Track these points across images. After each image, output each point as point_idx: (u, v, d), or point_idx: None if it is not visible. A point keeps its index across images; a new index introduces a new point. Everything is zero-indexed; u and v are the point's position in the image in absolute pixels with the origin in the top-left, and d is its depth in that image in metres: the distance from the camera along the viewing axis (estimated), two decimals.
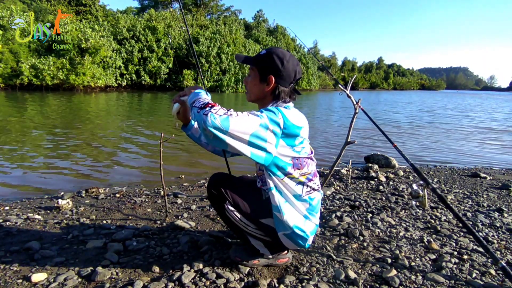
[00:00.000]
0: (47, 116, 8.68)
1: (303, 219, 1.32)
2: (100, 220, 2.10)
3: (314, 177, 1.36)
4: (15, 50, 19.76)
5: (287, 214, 1.28)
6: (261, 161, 1.18)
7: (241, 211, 1.34)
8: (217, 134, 1.05)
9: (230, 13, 53.49)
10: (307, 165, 1.31)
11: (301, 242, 1.33)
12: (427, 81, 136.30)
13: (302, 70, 15.87)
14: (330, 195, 2.75)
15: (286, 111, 1.22)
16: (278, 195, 1.27)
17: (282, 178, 1.26)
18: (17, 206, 2.41)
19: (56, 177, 3.45)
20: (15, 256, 1.53)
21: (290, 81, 1.32)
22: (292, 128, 1.20)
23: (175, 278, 1.33)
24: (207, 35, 31.73)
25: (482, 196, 2.89)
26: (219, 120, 1.05)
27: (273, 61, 1.29)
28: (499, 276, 1.47)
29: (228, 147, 1.10)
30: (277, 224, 1.31)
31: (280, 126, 1.17)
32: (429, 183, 1.72)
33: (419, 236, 1.90)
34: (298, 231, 1.30)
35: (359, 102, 2.50)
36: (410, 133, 8.04)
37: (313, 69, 51.06)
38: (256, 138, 1.11)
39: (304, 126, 1.28)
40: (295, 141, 1.24)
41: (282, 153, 1.22)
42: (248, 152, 1.13)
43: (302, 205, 1.32)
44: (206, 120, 1.05)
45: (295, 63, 1.33)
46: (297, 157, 1.26)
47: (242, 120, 1.09)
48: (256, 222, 1.35)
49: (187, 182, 3.26)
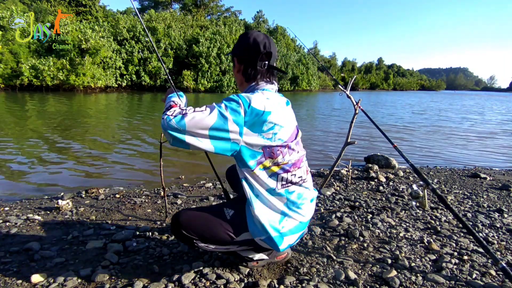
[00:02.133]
0: (47, 117, 8.68)
1: (279, 216, 1.21)
2: (100, 220, 2.10)
3: (293, 168, 1.23)
4: (15, 50, 19.77)
5: (258, 209, 1.18)
6: (227, 153, 1.12)
7: (212, 241, 1.25)
8: (175, 135, 1.03)
9: (230, 13, 53.52)
10: (282, 154, 1.19)
11: (276, 245, 1.22)
12: (427, 82, 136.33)
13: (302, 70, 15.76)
14: (330, 196, 2.75)
15: (250, 96, 1.14)
16: (249, 189, 1.19)
17: (252, 169, 1.16)
18: (17, 206, 2.41)
19: (56, 177, 3.45)
20: (15, 257, 1.54)
21: (258, 57, 1.24)
22: (256, 114, 1.11)
23: (175, 278, 1.33)
24: (207, 35, 31.74)
25: (482, 197, 2.89)
26: (173, 121, 1.02)
27: (237, 43, 1.28)
28: (500, 276, 1.47)
29: (190, 146, 1.06)
30: (251, 226, 1.21)
31: (240, 113, 1.09)
32: (429, 184, 1.72)
33: (419, 237, 1.90)
34: (272, 230, 1.19)
35: (359, 103, 2.50)
36: (410, 134, 8.04)
37: (313, 69, 51.04)
38: (217, 131, 1.06)
39: (273, 111, 1.15)
40: (263, 127, 1.13)
41: (250, 141, 1.13)
42: (212, 147, 1.08)
43: (277, 200, 1.21)
44: (162, 124, 1.04)
45: (261, 37, 1.24)
46: (268, 145, 1.15)
47: (197, 115, 1.05)
48: (233, 243, 1.26)
49: (187, 183, 3.26)
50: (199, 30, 33.81)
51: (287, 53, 45.34)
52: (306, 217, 1.30)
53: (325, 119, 11.05)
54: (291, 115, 1.30)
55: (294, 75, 45.06)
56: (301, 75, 46.35)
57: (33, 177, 3.44)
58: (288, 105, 1.33)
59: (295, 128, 1.31)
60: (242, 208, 1.25)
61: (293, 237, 1.27)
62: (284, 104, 1.28)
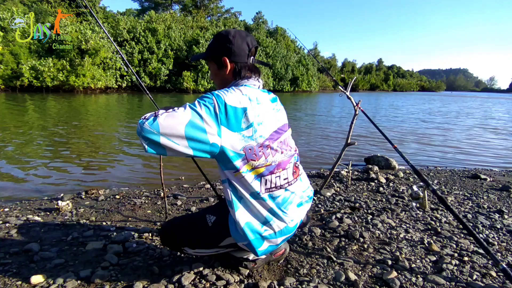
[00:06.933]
0: (47, 118, 8.68)
1: (261, 221, 1.16)
2: (100, 221, 2.10)
3: (277, 170, 1.16)
4: (16, 51, 19.80)
5: (239, 210, 1.13)
6: (207, 155, 1.06)
7: (199, 247, 1.27)
8: (150, 137, 0.97)
9: (230, 15, 53.64)
10: (265, 155, 1.12)
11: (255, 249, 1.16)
12: (427, 83, 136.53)
13: (302, 71, 15.73)
14: (330, 197, 2.75)
15: (224, 92, 1.09)
16: (231, 192, 1.13)
17: (235, 171, 1.10)
18: (16, 207, 2.40)
19: (55, 178, 3.45)
20: (14, 258, 1.53)
21: (247, 54, 1.23)
22: (232, 111, 1.06)
23: (175, 280, 1.32)
24: (207, 36, 31.80)
25: (482, 198, 2.88)
26: (147, 124, 0.97)
27: (220, 43, 1.22)
28: (500, 278, 1.47)
29: (167, 150, 1.00)
30: (232, 231, 1.17)
31: (215, 111, 1.04)
32: (429, 185, 1.72)
33: (420, 238, 1.90)
34: (251, 233, 1.13)
35: (359, 104, 2.50)
36: (410, 134, 8.04)
37: (313, 70, 51.10)
38: (193, 130, 1.00)
39: (249, 107, 1.10)
40: (241, 125, 1.08)
41: (230, 141, 1.06)
42: (190, 150, 1.02)
43: (260, 205, 1.14)
44: (137, 129, 0.99)
45: (243, 35, 1.24)
46: (249, 146, 1.09)
47: (170, 114, 1.00)
48: (219, 247, 1.27)
49: (187, 184, 3.26)
50: (199, 31, 33.86)
51: (287, 54, 45.35)
52: (293, 222, 1.23)
53: (325, 120, 11.05)
54: (275, 112, 1.24)
55: (294, 76, 45.08)
56: (301, 76, 46.39)
57: (32, 178, 3.43)
58: (274, 102, 1.28)
59: (283, 126, 1.25)
60: (225, 213, 1.22)
61: (275, 241, 1.20)
62: (267, 100, 1.22)
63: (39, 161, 4.11)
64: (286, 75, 42.38)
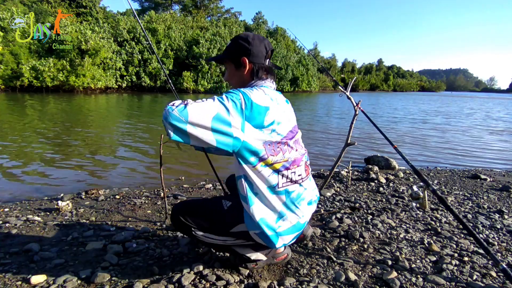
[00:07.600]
0: (47, 118, 8.68)
1: (276, 216, 1.21)
2: (100, 221, 2.10)
3: (292, 166, 1.24)
4: (16, 51, 19.81)
5: (255, 205, 1.18)
6: (229, 148, 1.10)
7: (209, 230, 1.28)
8: (177, 125, 1.01)
9: (230, 15, 53.64)
10: (282, 152, 1.20)
11: (272, 243, 1.22)
12: (427, 83, 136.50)
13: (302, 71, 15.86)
14: (330, 197, 2.75)
15: (250, 91, 1.15)
16: (247, 187, 1.18)
17: (254, 165, 1.15)
18: (16, 207, 2.40)
19: (55, 178, 3.45)
20: (14, 258, 1.53)
21: (264, 56, 1.30)
22: (257, 109, 1.12)
23: (175, 280, 1.32)
24: (207, 37, 31.81)
25: (482, 198, 2.89)
26: (176, 111, 1.01)
27: (240, 44, 1.28)
28: (500, 278, 1.47)
29: (191, 138, 1.04)
30: (246, 219, 1.21)
31: (242, 107, 1.09)
32: (430, 185, 1.72)
33: (420, 238, 1.90)
34: (267, 229, 1.19)
35: (359, 104, 2.50)
36: (410, 135, 8.04)
37: (313, 70, 51.08)
38: (219, 122, 1.04)
39: (272, 107, 1.16)
40: (263, 123, 1.14)
41: (252, 137, 1.12)
42: (214, 141, 1.05)
43: (277, 199, 1.21)
44: (164, 115, 1.02)
45: (261, 38, 1.32)
46: (269, 141, 1.16)
47: (200, 105, 1.04)
48: (230, 234, 1.28)
49: (187, 184, 3.26)
50: (199, 31, 33.87)
51: (287, 54, 45.35)
52: (304, 218, 1.29)
53: (325, 120, 11.06)
54: (289, 112, 1.31)
55: (294, 76, 45.07)
56: (301, 76, 46.37)
57: (33, 178, 3.44)
58: (288, 103, 1.35)
59: (294, 126, 1.32)
60: (240, 201, 1.25)
61: (288, 237, 1.27)
62: (283, 101, 1.30)
63: (39, 161, 4.11)
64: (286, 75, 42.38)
